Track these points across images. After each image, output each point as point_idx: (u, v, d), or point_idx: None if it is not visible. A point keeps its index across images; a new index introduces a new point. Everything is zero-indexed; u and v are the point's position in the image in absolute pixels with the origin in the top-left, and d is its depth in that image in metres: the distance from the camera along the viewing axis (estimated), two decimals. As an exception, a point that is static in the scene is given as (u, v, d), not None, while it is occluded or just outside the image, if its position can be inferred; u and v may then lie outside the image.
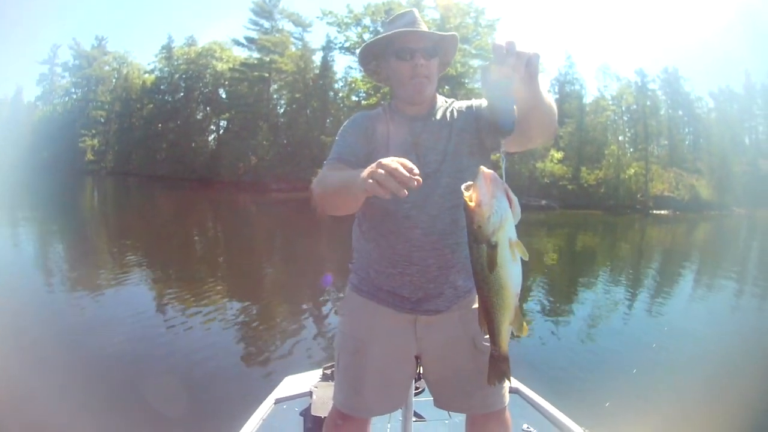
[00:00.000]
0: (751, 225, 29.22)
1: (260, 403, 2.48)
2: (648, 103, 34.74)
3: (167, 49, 36.81)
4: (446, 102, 1.57)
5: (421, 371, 1.61)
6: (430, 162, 1.45)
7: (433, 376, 1.58)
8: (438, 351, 1.53)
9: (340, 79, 30.95)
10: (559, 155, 31.13)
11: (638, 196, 32.59)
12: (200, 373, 4.05)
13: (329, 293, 6.91)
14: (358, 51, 1.67)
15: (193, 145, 34.37)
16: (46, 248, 10.22)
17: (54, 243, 11.08)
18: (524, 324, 1.05)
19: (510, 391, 1.62)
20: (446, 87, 29.20)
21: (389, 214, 1.46)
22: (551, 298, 8.01)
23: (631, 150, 33.56)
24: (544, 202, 28.22)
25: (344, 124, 1.56)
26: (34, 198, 19.25)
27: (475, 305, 1.45)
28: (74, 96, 43.15)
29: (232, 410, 2.72)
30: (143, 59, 42.46)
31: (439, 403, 1.61)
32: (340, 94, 30.35)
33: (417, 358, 1.56)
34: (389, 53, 1.51)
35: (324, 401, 1.78)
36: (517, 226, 1.00)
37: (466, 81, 30.94)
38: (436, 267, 1.46)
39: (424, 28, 1.52)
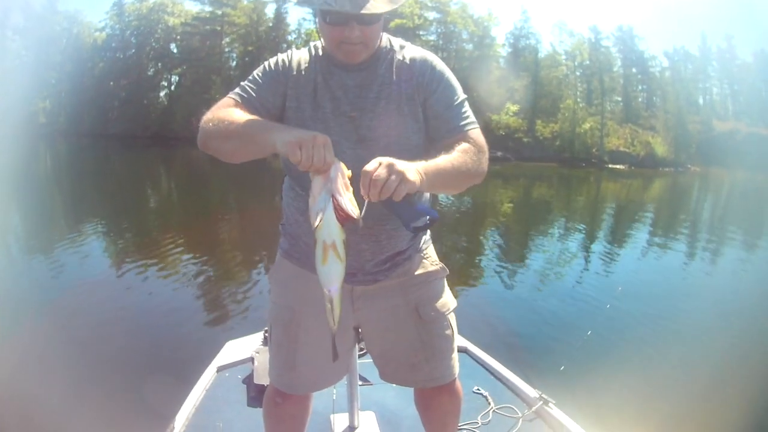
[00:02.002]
0: (704, 182, 30.04)
1: (203, 371, 2.39)
2: (602, 59, 35.26)
3: (118, 5, 35.74)
4: (394, 49, 1.27)
5: (363, 344, 1.48)
6: (365, 128, 1.22)
7: (376, 349, 1.45)
8: (378, 322, 1.39)
9: (294, 30, 30.63)
10: (514, 108, 31.44)
11: (593, 150, 33.17)
12: (146, 338, 3.92)
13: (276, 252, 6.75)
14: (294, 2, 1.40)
15: (145, 102, 33.67)
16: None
17: (7, 211, 10.70)
18: (333, 321, 1.06)
19: (458, 350, 1.49)
20: (401, 39, 29.09)
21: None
22: (504, 252, 7.97)
23: (582, 105, 34.00)
24: (499, 153, 28.47)
25: (268, 61, 1.29)
26: None
27: (419, 271, 1.39)
28: (26, 59, 41.60)
29: (176, 378, 2.62)
30: (95, 17, 41.18)
31: (384, 377, 1.48)
32: (294, 47, 29.90)
33: (357, 329, 1.42)
34: (318, 12, 1.18)
35: (265, 368, 1.70)
36: None
37: (422, 33, 30.98)
38: (369, 252, 1.31)
39: None
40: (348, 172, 1.00)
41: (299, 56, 1.27)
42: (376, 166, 0.95)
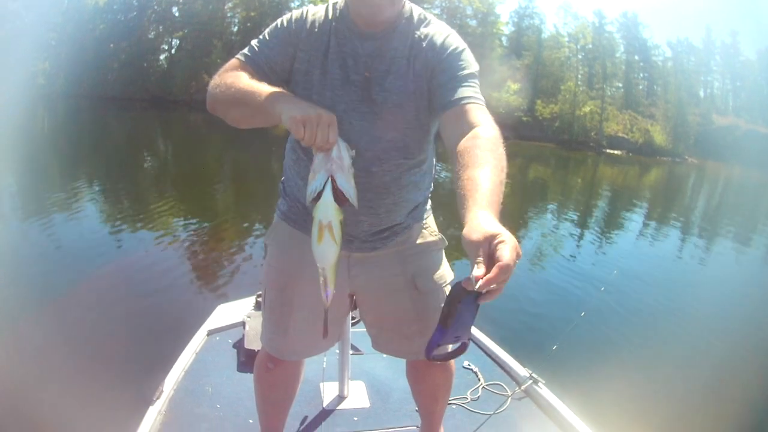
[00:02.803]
0: (701, 174, 30.18)
1: (193, 334, 2.37)
2: (605, 44, 35.19)
3: (121, -33, 35.43)
4: (415, 22, 1.20)
5: (356, 312, 1.47)
6: (372, 101, 1.16)
7: (369, 317, 1.43)
8: (373, 291, 1.38)
9: (297, -4, 30.43)
10: (515, 86, 31.36)
11: (592, 134, 33.21)
12: (138, 301, 3.90)
13: (272, 217, 6.78)
14: None
15: (145, 64, 33.43)
16: None
17: (2, 172, 10.70)
18: (326, 298, 1.07)
19: None
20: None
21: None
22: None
23: (583, 88, 33.97)
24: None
25: (281, 18, 1.23)
26: None
27: (418, 240, 1.37)
28: (26, 20, 41.24)
29: (167, 341, 2.59)
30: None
31: (376, 346, 1.46)
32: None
33: (351, 296, 1.41)
34: None
35: (257, 332, 1.68)
36: None
37: (427, 7, 30.74)
38: (368, 224, 1.27)
39: None
40: (352, 152, 1.00)
41: (314, 15, 1.20)
42: (513, 255, 0.73)
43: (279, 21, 1.23)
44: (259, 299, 2.30)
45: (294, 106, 0.98)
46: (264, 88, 1.06)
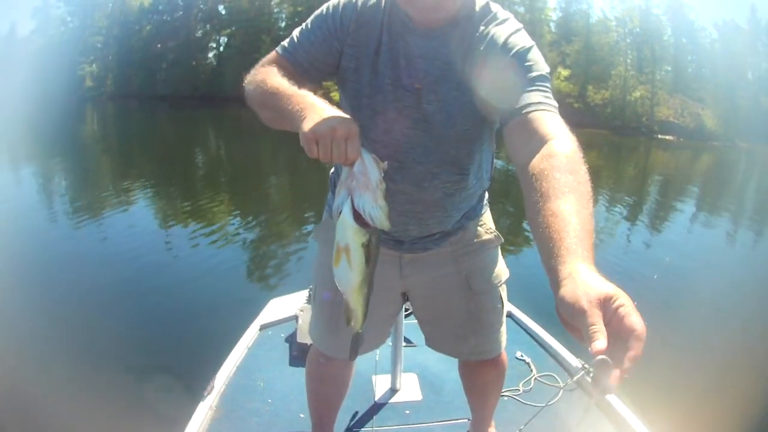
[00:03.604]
0: (751, 159, 29.41)
1: (246, 328, 2.36)
2: (652, 27, 34.48)
3: (165, -32, 35.98)
4: (476, 14, 1.04)
5: (409, 304, 1.42)
6: (424, 110, 1.05)
7: (423, 316, 1.40)
8: (427, 290, 1.33)
9: (345, -11, 30.48)
10: (566, 72, 30.94)
11: (644, 119, 32.60)
12: (192, 295, 3.96)
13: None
14: None
15: (193, 63, 33.89)
16: (49, 179, 9.86)
17: (56, 173, 10.73)
18: (350, 319, 0.99)
19: None
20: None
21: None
22: None
23: (633, 72, 33.35)
24: None
25: (326, 6, 1.09)
26: (34, 131, 18.85)
27: (475, 238, 1.30)
28: (71, 25, 42.14)
29: (220, 336, 2.58)
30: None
31: (429, 343, 1.43)
32: None
33: (404, 294, 1.36)
34: None
35: (309, 326, 1.65)
36: None
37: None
38: (416, 231, 1.21)
39: None
40: (382, 165, 0.86)
41: (364, 2, 1.05)
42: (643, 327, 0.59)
43: (324, 8, 1.08)
44: (311, 293, 2.33)
45: (309, 120, 0.84)
46: (289, 92, 0.93)
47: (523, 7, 30.61)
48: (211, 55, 34.36)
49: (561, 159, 0.79)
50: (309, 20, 1.10)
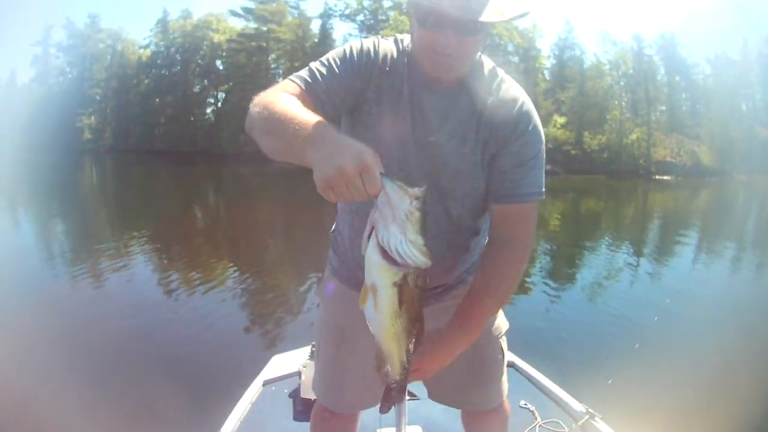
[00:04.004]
0: (749, 191, 29.53)
1: (249, 384, 2.39)
2: (645, 68, 34.81)
3: (162, 23, 36.35)
4: (487, 79, 1.12)
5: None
6: (434, 163, 1.10)
7: None
8: (429, 343, 1.35)
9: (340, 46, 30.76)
10: (562, 120, 31.16)
11: (641, 161, 32.75)
12: (193, 351, 3.96)
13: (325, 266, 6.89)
14: None
15: (192, 118, 34.09)
16: (47, 230, 9.95)
17: (55, 225, 10.80)
18: (381, 366, 0.95)
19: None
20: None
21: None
22: (552, 265, 7.89)
23: (629, 115, 33.61)
24: (548, 167, 27.56)
25: (350, 44, 1.11)
26: (32, 181, 18.99)
27: None
28: (69, 75, 42.54)
29: (222, 392, 2.61)
30: (138, 35, 41.88)
31: (433, 396, 1.47)
32: (381, 36, 30.19)
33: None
34: (412, 10, 1.02)
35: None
36: None
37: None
38: None
39: None
40: (415, 191, 0.78)
41: (387, 51, 1.10)
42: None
43: (349, 47, 1.09)
44: (314, 349, 2.38)
45: (317, 160, 0.78)
46: (298, 118, 0.86)
47: (518, 56, 30.92)
48: (209, 110, 34.65)
49: (498, 276, 1.14)
50: (330, 55, 1.09)
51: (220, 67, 34.08)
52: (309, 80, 1.04)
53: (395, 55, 1.10)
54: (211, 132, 32.93)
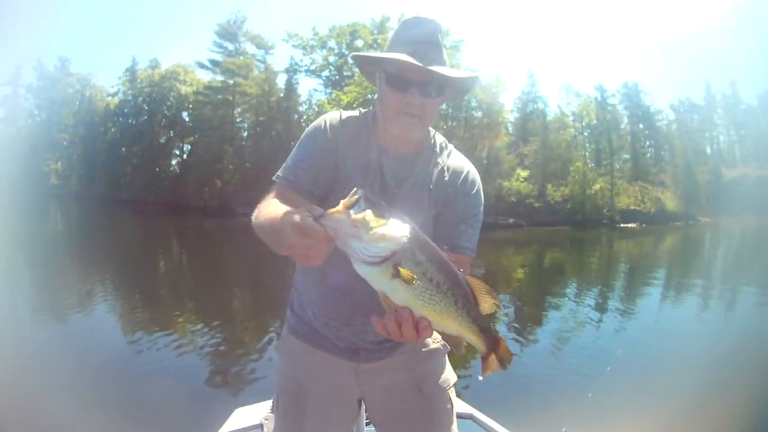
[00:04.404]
0: (715, 233, 30.10)
1: None
2: (609, 117, 35.49)
3: (131, 71, 36.32)
4: (438, 150, 1.34)
5: (367, 414, 1.56)
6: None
7: (379, 420, 1.52)
8: (382, 396, 1.46)
9: (305, 101, 30.92)
10: (524, 173, 31.51)
11: (605, 210, 33.17)
12: (154, 403, 3.95)
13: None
14: (351, 55, 1.50)
15: (157, 169, 33.91)
16: (9, 278, 9.87)
17: (18, 272, 10.78)
18: (453, 346, 1.03)
19: (463, 417, 1.66)
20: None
21: (341, 266, 1.25)
22: (516, 317, 8.01)
23: (593, 165, 34.13)
24: (511, 220, 28.45)
25: (314, 127, 1.28)
26: None
27: (422, 348, 1.47)
28: (38, 118, 42.16)
29: None
30: (107, 81, 41.82)
31: None
32: (305, 117, 30.32)
33: (360, 401, 1.50)
34: (382, 71, 1.24)
35: None
36: (486, 244, 1.02)
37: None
38: (374, 333, 1.34)
39: (439, 53, 1.22)
40: (349, 200, 0.86)
41: (352, 122, 1.30)
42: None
43: (311, 129, 1.28)
44: (274, 402, 2.41)
45: (285, 247, 0.94)
46: (271, 221, 1.05)
47: (481, 111, 31.31)
48: (174, 162, 34.51)
49: None
50: (300, 143, 1.28)
51: (187, 119, 34.09)
52: (290, 178, 1.24)
53: (362, 126, 1.30)
54: (176, 184, 32.76)
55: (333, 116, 1.31)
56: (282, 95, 30.96)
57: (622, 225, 32.09)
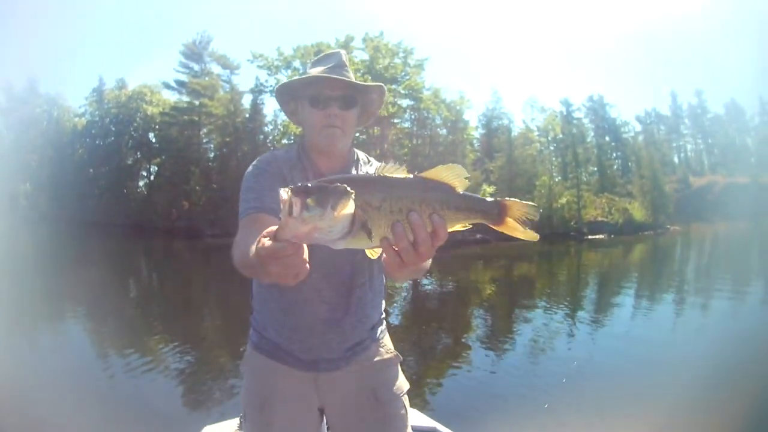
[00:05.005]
0: (685, 241, 30.57)
1: None
2: (575, 131, 36.01)
3: (98, 92, 36.14)
4: (364, 162, 1.58)
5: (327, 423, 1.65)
6: None
7: (339, 427, 1.62)
8: (340, 405, 1.58)
9: (270, 122, 30.99)
10: (490, 189, 31.71)
11: (572, 223, 33.52)
12: (123, 422, 4.05)
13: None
14: (275, 89, 1.60)
15: (125, 191, 33.73)
16: None
17: None
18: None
19: (426, 431, 1.75)
20: (377, 128, 29.65)
21: (298, 285, 1.34)
22: (486, 330, 8.18)
23: (559, 179, 34.57)
24: (479, 235, 28.45)
25: (255, 166, 1.46)
26: None
27: (376, 358, 1.62)
28: (6, 140, 41.72)
29: None
30: (75, 101, 41.48)
31: None
32: (271, 138, 30.40)
33: (321, 410, 1.61)
34: (304, 97, 1.47)
35: None
36: (455, 260, 1.12)
37: (397, 121, 31.49)
38: (336, 341, 1.51)
39: (348, 74, 1.48)
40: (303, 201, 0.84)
41: (287, 156, 1.51)
42: None
43: (257, 167, 1.47)
44: (241, 420, 2.42)
45: (265, 276, 0.99)
46: (250, 258, 1.08)
47: (446, 129, 31.63)
48: (141, 183, 34.32)
49: None
50: (251, 182, 1.43)
51: (153, 140, 33.96)
52: (257, 205, 1.37)
53: (296, 157, 1.50)
54: (144, 205, 32.62)
55: (268, 155, 1.54)
56: (248, 116, 31.03)
57: (590, 237, 32.39)
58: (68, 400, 4.48)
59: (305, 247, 0.91)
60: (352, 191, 0.85)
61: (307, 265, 0.94)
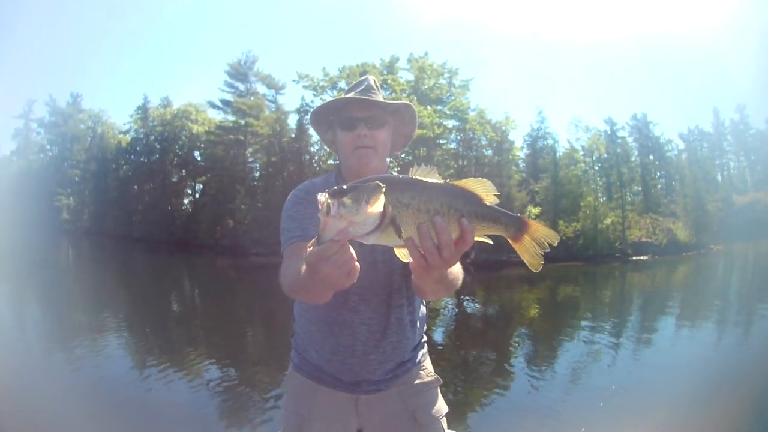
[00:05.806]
0: (728, 261, 29.93)
1: None
2: (619, 150, 35.44)
3: (143, 109, 36.66)
4: None
5: None
6: (373, 252, 1.42)
7: None
8: (379, 426, 1.58)
9: (316, 142, 31.02)
10: (536, 210, 31.35)
11: (616, 244, 32.98)
12: None
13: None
14: (309, 118, 1.67)
15: (169, 208, 34.03)
16: (20, 312, 10.13)
17: (29, 306, 11.00)
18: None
19: None
20: (422, 149, 29.51)
21: (337, 304, 1.44)
22: (527, 356, 8.08)
23: (604, 199, 34.03)
24: None
25: (294, 195, 1.52)
26: (9, 257, 19.30)
27: (417, 380, 1.61)
28: (50, 153, 42.69)
29: None
30: (118, 118, 42.15)
31: None
32: (316, 158, 30.42)
33: (359, 431, 1.61)
34: (336, 123, 1.53)
35: None
36: (500, 282, 1.03)
37: (443, 142, 31.30)
38: (377, 362, 1.52)
39: (376, 96, 1.51)
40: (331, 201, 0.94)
41: (324, 185, 1.49)
42: None
43: (294, 200, 1.49)
44: None
45: (319, 283, 1.05)
46: (300, 272, 1.16)
47: (492, 149, 31.36)
48: (186, 201, 34.61)
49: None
50: (288, 217, 1.47)
51: (198, 158, 34.28)
52: (298, 234, 1.41)
53: (330, 183, 1.52)
54: (189, 222, 32.84)
55: (307, 183, 1.58)
56: (293, 136, 31.09)
57: (634, 258, 31.92)
58: (107, 413, 4.56)
59: (351, 248, 0.96)
60: (383, 185, 0.92)
61: (357, 264, 0.98)
